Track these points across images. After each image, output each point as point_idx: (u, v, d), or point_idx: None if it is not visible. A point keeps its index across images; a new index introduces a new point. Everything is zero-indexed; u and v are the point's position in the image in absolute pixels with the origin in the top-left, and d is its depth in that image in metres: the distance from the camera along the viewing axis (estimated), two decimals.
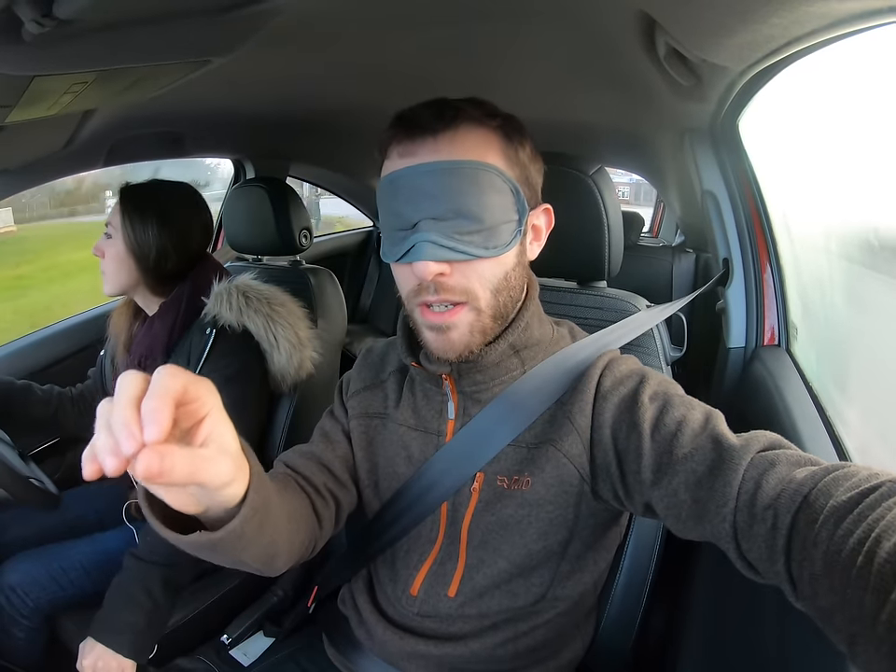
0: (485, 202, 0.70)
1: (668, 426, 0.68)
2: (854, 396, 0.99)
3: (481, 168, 0.69)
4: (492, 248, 0.71)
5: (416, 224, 0.70)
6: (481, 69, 1.18)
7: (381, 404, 0.90)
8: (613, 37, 0.94)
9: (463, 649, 0.83)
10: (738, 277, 1.30)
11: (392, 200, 0.72)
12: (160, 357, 1.26)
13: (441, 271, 0.69)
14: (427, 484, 0.83)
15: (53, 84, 0.72)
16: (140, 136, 1.40)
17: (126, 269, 1.25)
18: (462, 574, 0.82)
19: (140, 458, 0.41)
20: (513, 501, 0.78)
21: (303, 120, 1.69)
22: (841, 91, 0.96)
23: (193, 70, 0.91)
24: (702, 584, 1.04)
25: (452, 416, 0.84)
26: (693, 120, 1.28)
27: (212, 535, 0.56)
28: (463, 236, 0.69)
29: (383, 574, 0.90)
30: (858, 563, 0.42)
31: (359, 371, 0.95)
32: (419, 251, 0.69)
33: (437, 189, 0.69)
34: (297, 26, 0.87)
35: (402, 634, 0.85)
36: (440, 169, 0.68)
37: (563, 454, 0.76)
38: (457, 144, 0.70)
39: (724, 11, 0.68)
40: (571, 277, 1.12)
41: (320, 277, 1.66)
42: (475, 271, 0.71)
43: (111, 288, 1.27)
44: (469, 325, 0.73)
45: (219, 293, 1.26)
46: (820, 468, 0.55)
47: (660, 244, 3.05)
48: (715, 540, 0.62)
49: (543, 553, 0.80)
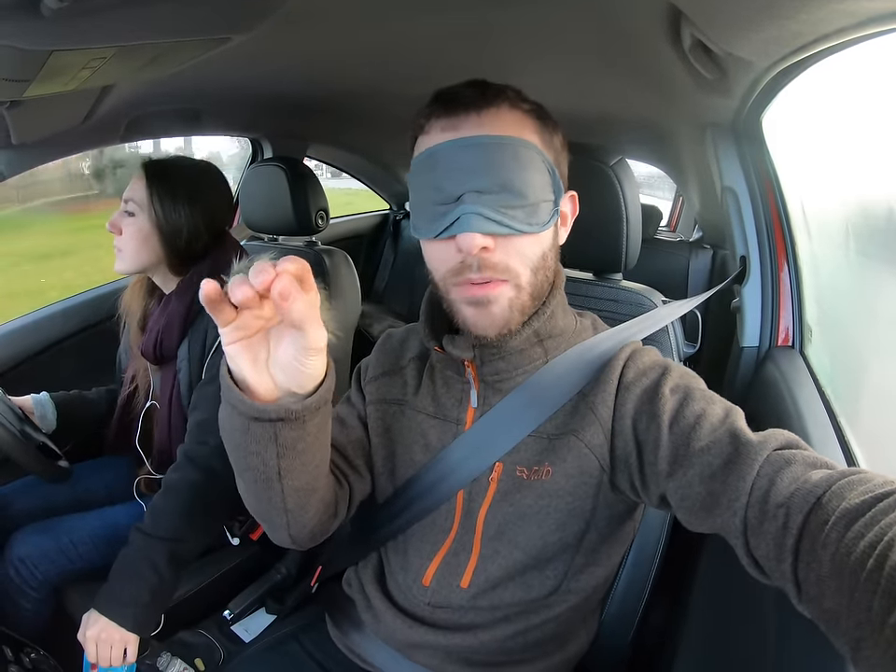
0: (528, 178, 0.70)
1: (687, 418, 0.68)
2: (867, 403, 0.98)
3: (523, 145, 0.70)
4: (534, 224, 0.71)
5: (460, 197, 0.69)
6: (503, 56, 1.16)
7: (399, 391, 0.90)
8: (638, 28, 0.92)
9: (472, 639, 0.83)
10: (755, 276, 1.29)
11: (431, 173, 0.71)
12: (176, 334, 1.26)
13: (486, 244, 0.69)
14: (442, 473, 0.83)
15: (72, 59, 0.72)
16: (158, 112, 1.39)
17: (150, 247, 1.25)
18: (476, 565, 0.82)
19: (277, 281, 0.52)
20: (533, 492, 0.78)
21: (322, 101, 1.68)
22: (867, 90, 0.94)
23: (213, 47, 0.90)
24: (703, 583, 1.04)
25: (474, 404, 0.84)
26: (716, 115, 1.26)
27: (292, 404, 0.62)
28: (508, 210, 0.69)
29: (394, 562, 0.90)
30: (868, 566, 0.42)
31: (378, 357, 0.95)
32: (465, 223, 0.68)
33: (482, 162, 0.69)
34: (317, 6, 0.86)
35: (412, 623, 0.85)
36: (485, 143, 0.69)
37: (585, 444, 0.77)
38: (500, 120, 0.70)
39: (752, 5, 0.67)
40: (587, 268, 1.11)
41: (335, 259, 1.67)
42: (516, 247, 0.71)
43: (128, 266, 1.27)
44: (509, 300, 0.73)
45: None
46: (836, 471, 0.55)
47: (677, 238, 3.02)
48: (724, 534, 0.62)
49: (559, 544, 0.80)
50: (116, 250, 1.27)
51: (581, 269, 1.12)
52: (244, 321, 0.57)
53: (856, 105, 1.00)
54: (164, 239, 1.25)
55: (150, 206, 1.23)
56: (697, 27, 0.79)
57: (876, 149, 0.95)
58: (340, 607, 0.98)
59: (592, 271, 1.11)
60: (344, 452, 0.89)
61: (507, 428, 0.80)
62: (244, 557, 1.35)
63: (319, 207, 1.68)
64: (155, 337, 1.27)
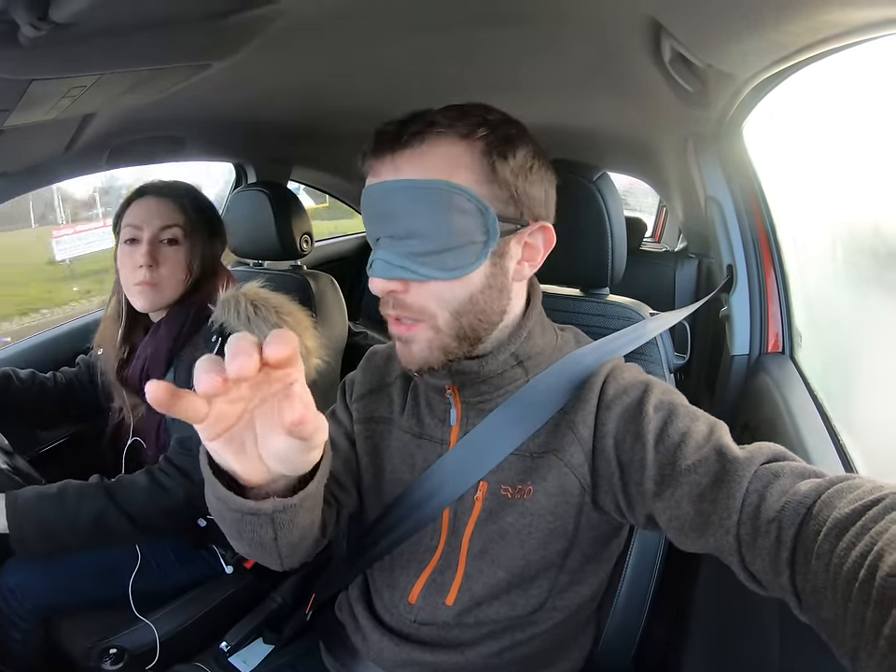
0: (443, 222, 0.67)
1: (672, 437, 0.67)
2: (860, 405, 0.98)
3: (440, 187, 0.67)
4: (449, 270, 0.69)
5: (378, 240, 0.71)
6: (484, 73, 1.17)
7: (386, 409, 0.90)
8: (619, 42, 0.94)
9: (459, 656, 0.82)
10: (742, 284, 1.29)
11: (364, 216, 0.74)
12: (163, 362, 1.23)
13: (391, 288, 0.70)
14: (428, 492, 0.82)
15: (51, 88, 0.72)
16: (141, 140, 1.39)
17: (183, 279, 1.22)
18: (461, 583, 0.81)
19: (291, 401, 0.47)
20: (515, 510, 0.77)
21: (305, 124, 1.69)
22: (848, 97, 0.95)
23: (193, 74, 0.90)
24: (703, 596, 1.03)
25: (454, 423, 0.83)
26: (698, 126, 1.27)
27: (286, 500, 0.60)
28: (417, 257, 0.68)
29: (380, 581, 0.89)
30: (860, 576, 0.42)
31: (364, 374, 0.94)
32: (375, 267, 0.71)
33: (392, 208, 0.69)
34: (297, 30, 0.87)
35: (398, 640, 0.84)
36: (395, 188, 0.68)
37: (565, 463, 0.76)
38: (417, 161, 0.68)
39: (735, 18, 0.67)
40: (574, 284, 1.11)
41: (321, 282, 1.66)
42: (431, 291, 0.70)
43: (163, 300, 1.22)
44: (427, 341, 0.73)
45: (227, 301, 1.20)
46: (825, 479, 0.54)
47: (662, 248, 3.05)
48: (718, 553, 0.61)
49: (542, 563, 0.79)
50: (146, 286, 1.19)
51: (567, 285, 1.11)
52: (220, 412, 0.48)
53: (839, 112, 1.02)
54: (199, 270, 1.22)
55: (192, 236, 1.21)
56: (678, 40, 0.80)
57: (861, 158, 0.97)
58: (333, 633, 0.97)
59: (578, 286, 1.11)
60: (335, 473, 0.87)
61: (490, 447, 0.79)
62: (238, 587, 1.33)
63: (303, 231, 1.68)
64: (142, 365, 1.25)
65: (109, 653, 1.01)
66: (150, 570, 1.25)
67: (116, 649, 1.02)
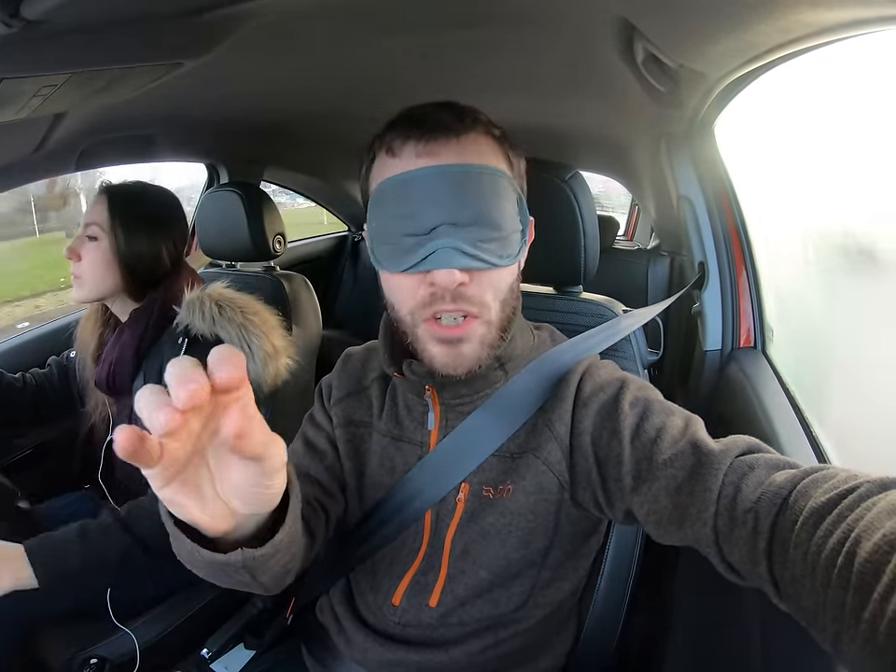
0: (503, 209, 0.68)
1: (648, 432, 0.68)
2: (831, 397, 1.00)
3: (499, 174, 0.68)
4: (506, 258, 0.69)
5: (434, 229, 0.66)
6: (457, 74, 1.17)
7: (365, 412, 0.89)
8: (591, 43, 0.94)
9: (443, 655, 0.82)
10: (714, 281, 1.32)
11: (403, 202, 0.67)
12: (129, 365, 1.23)
13: (464, 280, 0.66)
14: (409, 495, 0.82)
15: (22, 87, 0.70)
16: (112, 140, 1.37)
17: (111, 274, 1.22)
18: (444, 584, 0.81)
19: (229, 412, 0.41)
20: (495, 510, 0.78)
21: (278, 125, 1.67)
22: (817, 95, 0.97)
23: (166, 73, 0.89)
24: (684, 586, 1.05)
25: (433, 426, 0.83)
26: (670, 125, 1.29)
27: (256, 551, 0.55)
28: (483, 243, 0.67)
29: (363, 583, 0.89)
30: (838, 563, 0.43)
31: (340, 378, 0.93)
32: (440, 258, 0.65)
33: (461, 192, 0.66)
34: (271, 30, 0.86)
35: (383, 641, 0.84)
36: (465, 172, 0.66)
37: (542, 461, 0.76)
38: (478, 148, 0.68)
39: (708, 19, 0.68)
40: (548, 283, 1.12)
41: (295, 283, 1.65)
42: (490, 281, 0.69)
43: (89, 294, 1.24)
44: (480, 338, 0.71)
45: (192, 302, 1.21)
46: (800, 470, 0.55)
47: (635, 247, 3.08)
48: (696, 545, 0.62)
49: (523, 561, 0.79)
50: (73, 278, 1.23)
51: (541, 283, 1.12)
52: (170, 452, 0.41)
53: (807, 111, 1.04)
54: (125, 266, 1.22)
55: (113, 231, 1.20)
56: (650, 41, 0.81)
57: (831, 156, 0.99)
58: (315, 636, 0.96)
59: (552, 284, 1.12)
60: (320, 479, 0.86)
61: (470, 449, 0.79)
62: (218, 592, 1.31)
63: (276, 232, 1.66)
64: (108, 368, 1.24)
65: (90, 664, 0.99)
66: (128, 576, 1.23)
67: (97, 658, 0.99)
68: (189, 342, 1.20)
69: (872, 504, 0.45)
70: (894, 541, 0.39)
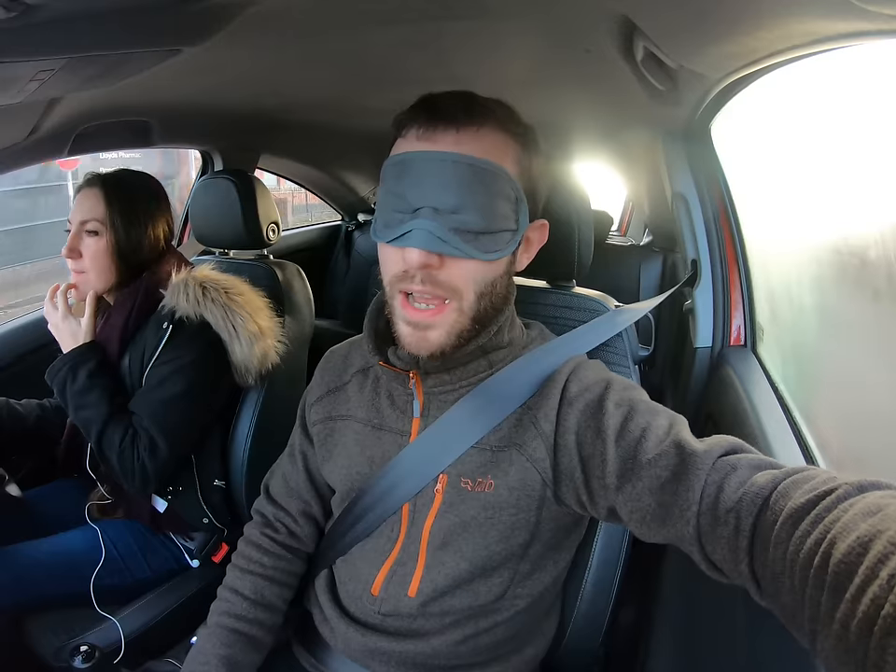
0: (492, 205, 0.69)
1: (633, 432, 0.69)
2: (820, 398, 1.01)
3: (495, 170, 0.69)
4: (487, 252, 0.70)
5: (418, 210, 0.69)
6: (455, 66, 1.17)
7: (344, 406, 0.91)
8: (591, 39, 0.94)
9: (424, 645, 0.83)
10: (706, 279, 1.33)
11: (397, 180, 0.71)
12: (116, 347, 1.24)
13: (430, 262, 0.68)
14: (389, 484, 0.83)
15: (19, 71, 0.69)
16: (107, 125, 1.35)
17: (114, 266, 1.23)
18: (422, 575, 0.82)
19: None
20: (477, 503, 0.78)
21: (274, 113, 1.66)
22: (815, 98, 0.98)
23: (163, 59, 0.88)
24: (671, 579, 1.06)
25: (417, 415, 0.84)
26: (667, 123, 1.29)
27: None
28: (462, 233, 0.69)
29: (343, 572, 0.90)
30: (815, 563, 0.43)
31: (322, 376, 0.96)
32: (414, 237, 0.68)
33: (447, 179, 0.68)
34: (270, 18, 0.85)
35: (364, 631, 0.85)
36: (456, 161, 0.68)
37: (526, 457, 0.77)
38: (479, 141, 0.69)
39: (711, 22, 0.68)
40: (541, 276, 1.12)
41: (288, 272, 1.64)
42: (465, 269, 0.71)
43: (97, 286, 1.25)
44: (449, 325, 0.73)
45: (177, 284, 1.23)
46: (781, 471, 0.56)
47: (628, 242, 3.09)
48: (679, 543, 0.63)
49: (504, 553, 0.80)
50: (75, 275, 1.24)
51: (534, 277, 1.12)
52: None
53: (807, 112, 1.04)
54: (126, 255, 1.22)
55: (112, 224, 1.20)
56: (651, 40, 0.81)
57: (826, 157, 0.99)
58: (302, 624, 0.97)
59: (545, 279, 1.12)
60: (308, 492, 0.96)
61: (451, 440, 0.80)
62: (207, 581, 1.31)
63: (270, 220, 1.66)
64: None
65: (80, 651, 0.99)
66: (114, 563, 1.24)
67: (87, 646, 1.00)
68: (174, 325, 1.21)
69: (849, 506, 0.45)
70: (867, 543, 0.40)
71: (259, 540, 0.95)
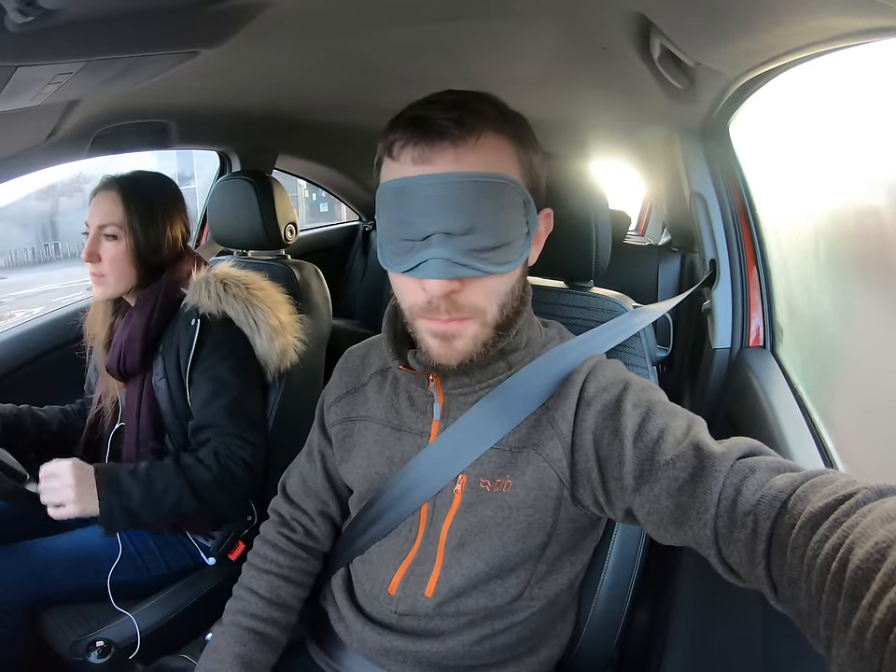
0: (502, 217, 0.68)
1: (651, 433, 0.68)
2: (840, 400, 1.00)
3: (500, 181, 0.67)
4: (504, 264, 0.69)
5: (428, 237, 0.66)
6: (471, 66, 1.17)
7: (363, 407, 0.91)
8: (607, 37, 0.94)
9: (440, 646, 0.83)
10: (725, 279, 1.31)
11: (400, 208, 0.68)
12: (139, 348, 1.25)
13: (453, 288, 0.67)
14: (408, 485, 0.83)
15: (37, 74, 0.70)
16: (125, 127, 1.37)
17: (133, 268, 1.24)
18: (439, 575, 0.82)
19: None
20: (494, 503, 0.78)
21: (291, 114, 1.67)
22: (835, 95, 0.96)
23: (181, 61, 0.89)
24: (686, 583, 1.05)
25: (437, 417, 0.83)
26: (684, 122, 1.28)
27: None
28: (478, 253, 0.67)
29: (360, 571, 0.90)
30: (832, 568, 0.43)
31: (340, 377, 0.96)
32: (431, 267, 0.66)
33: (456, 201, 0.65)
34: (286, 19, 0.86)
35: (380, 630, 0.85)
36: (460, 181, 0.65)
37: (544, 458, 0.77)
38: (478, 154, 0.66)
39: (728, 19, 0.68)
40: (558, 276, 1.12)
41: (306, 272, 1.65)
42: (485, 287, 0.70)
43: (115, 291, 1.26)
44: (473, 335, 0.72)
45: (198, 282, 1.25)
46: (799, 474, 0.55)
47: (646, 242, 3.06)
48: (696, 546, 0.62)
49: (521, 554, 0.80)
50: (95, 278, 1.24)
51: (551, 277, 1.12)
52: None
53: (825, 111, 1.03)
54: (145, 257, 1.23)
55: (131, 227, 1.21)
56: (668, 38, 0.81)
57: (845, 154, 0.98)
58: (318, 622, 0.98)
59: (563, 279, 1.11)
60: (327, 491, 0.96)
61: (471, 441, 0.80)
62: (223, 578, 1.32)
63: (288, 220, 1.67)
64: (119, 353, 1.26)
65: (96, 646, 1.00)
66: (131, 560, 1.25)
67: (103, 641, 1.01)
68: (202, 323, 1.23)
69: (868, 511, 0.45)
70: (885, 550, 0.39)
71: (275, 539, 0.96)
